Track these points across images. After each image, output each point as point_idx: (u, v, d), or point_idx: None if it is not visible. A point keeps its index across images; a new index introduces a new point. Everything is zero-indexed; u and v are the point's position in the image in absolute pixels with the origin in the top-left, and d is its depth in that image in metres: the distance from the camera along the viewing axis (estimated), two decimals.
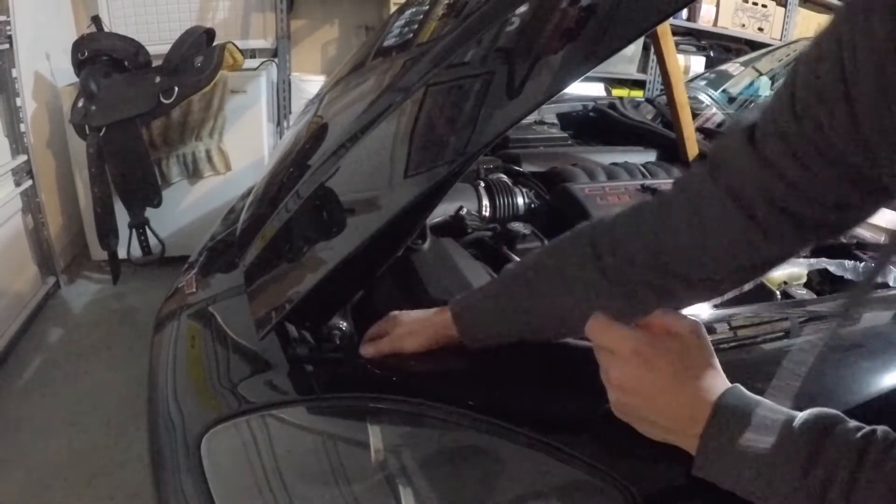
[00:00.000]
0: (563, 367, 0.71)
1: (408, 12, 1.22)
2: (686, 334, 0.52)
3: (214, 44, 2.32)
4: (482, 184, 1.24)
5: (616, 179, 1.33)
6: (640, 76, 3.42)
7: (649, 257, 0.60)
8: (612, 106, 1.92)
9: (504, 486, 0.67)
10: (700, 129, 1.69)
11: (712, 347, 0.53)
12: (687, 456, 0.51)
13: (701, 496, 0.58)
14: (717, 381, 0.51)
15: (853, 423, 0.46)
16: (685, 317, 0.54)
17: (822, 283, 1.02)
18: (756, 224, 0.54)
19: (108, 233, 2.24)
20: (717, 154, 0.57)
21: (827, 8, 3.43)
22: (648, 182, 1.29)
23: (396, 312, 0.78)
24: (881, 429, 0.45)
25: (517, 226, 1.08)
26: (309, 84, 2.90)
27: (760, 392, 0.50)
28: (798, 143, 0.49)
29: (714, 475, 0.49)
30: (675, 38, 2.79)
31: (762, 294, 0.95)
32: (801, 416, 0.48)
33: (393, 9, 2.59)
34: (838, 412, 0.47)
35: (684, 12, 3.27)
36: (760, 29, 3.42)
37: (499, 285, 0.74)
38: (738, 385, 0.51)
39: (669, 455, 0.52)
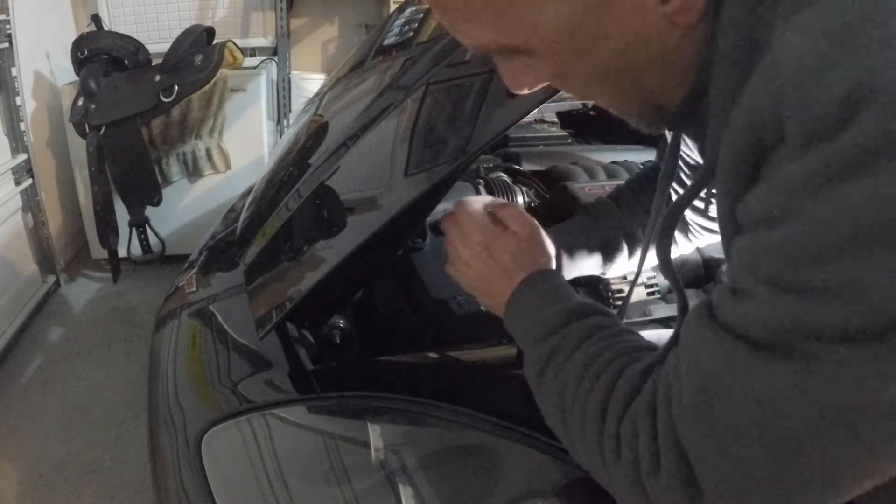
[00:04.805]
0: None
1: (408, 11, 1.21)
2: (524, 238, 0.64)
3: (214, 42, 2.32)
4: (482, 182, 1.24)
5: (616, 178, 1.33)
6: None
7: None
8: None
9: (504, 486, 0.67)
10: None
11: (549, 249, 0.65)
12: None
13: None
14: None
15: (617, 328, 0.52)
16: (527, 220, 0.66)
17: None
18: None
19: (108, 231, 2.24)
20: None
21: None
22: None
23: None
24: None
25: None
26: (309, 82, 2.90)
27: None
28: None
29: (510, 326, 0.60)
30: None
31: None
32: (584, 303, 0.56)
33: (393, 7, 2.58)
34: (615, 318, 0.54)
35: None
36: None
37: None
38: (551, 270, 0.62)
39: None
